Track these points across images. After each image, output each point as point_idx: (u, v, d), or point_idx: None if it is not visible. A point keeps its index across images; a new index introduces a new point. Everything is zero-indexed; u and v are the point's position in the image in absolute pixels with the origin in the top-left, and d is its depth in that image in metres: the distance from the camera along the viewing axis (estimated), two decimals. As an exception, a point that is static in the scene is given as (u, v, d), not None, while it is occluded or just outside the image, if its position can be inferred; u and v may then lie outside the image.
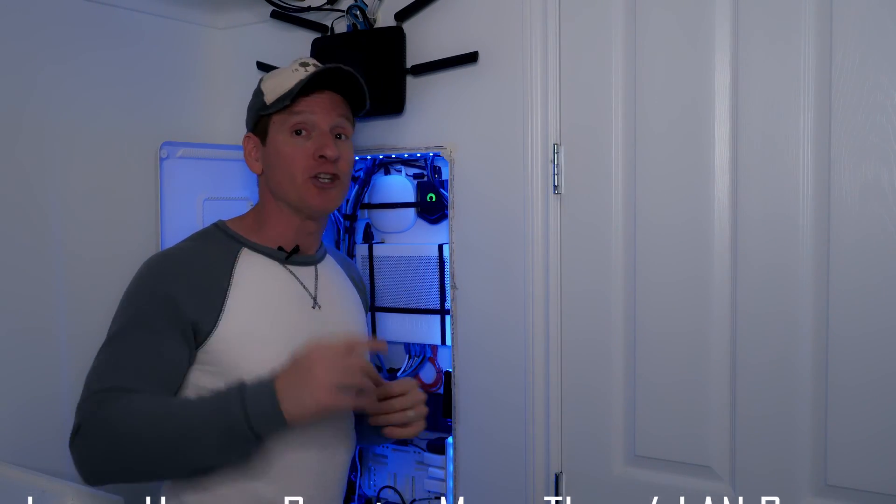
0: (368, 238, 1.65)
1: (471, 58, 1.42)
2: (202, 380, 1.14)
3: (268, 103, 1.22)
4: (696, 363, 1.27)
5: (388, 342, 1.63)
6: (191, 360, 1.14)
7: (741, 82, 1.22)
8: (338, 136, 1.24)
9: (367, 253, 1.62)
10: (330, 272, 1.32)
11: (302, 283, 1.24)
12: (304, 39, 1.59)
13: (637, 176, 1.31)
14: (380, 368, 1.66)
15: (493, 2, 1.41)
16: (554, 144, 1.38)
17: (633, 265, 1.32)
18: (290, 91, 1.19)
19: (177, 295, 1.12)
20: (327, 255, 1.35)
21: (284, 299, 1.21)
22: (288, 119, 1.21)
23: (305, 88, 1.19)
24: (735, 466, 1.25)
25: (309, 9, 1.58)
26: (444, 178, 1.54)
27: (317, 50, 1.55)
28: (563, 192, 1.38)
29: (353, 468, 1.68)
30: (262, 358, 1.12)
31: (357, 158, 1.61)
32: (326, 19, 1.58)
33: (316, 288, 1.26)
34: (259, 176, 1.27)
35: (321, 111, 1.21)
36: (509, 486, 1.44)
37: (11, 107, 1.36)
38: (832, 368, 1.17)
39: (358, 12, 1.51)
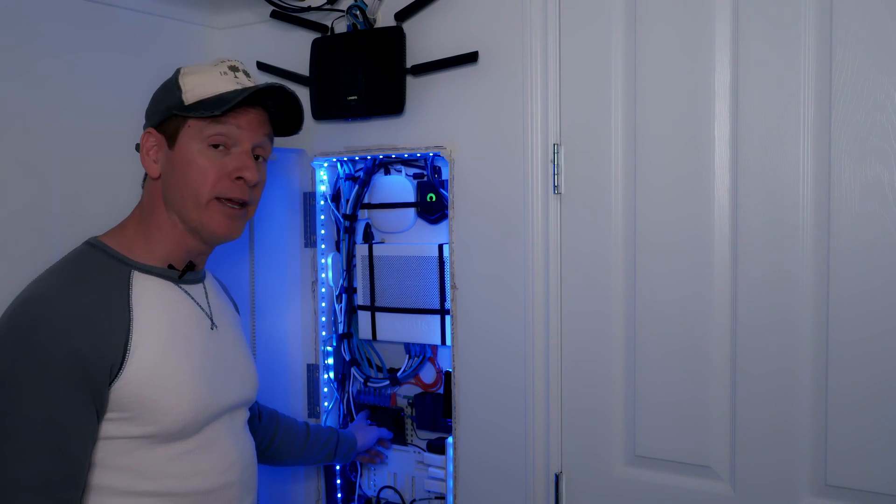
0: (368, 238, 1.65)
1: (471, 58, 1.42)
2: (110, 430, 1.01)
3: (186, 103, 1.08)
4: (697, 362, 1.27)
5: (388, 342, 1.64)
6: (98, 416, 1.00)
7: (741, 82, 1.22)
8: (256, 157, 1.13)
9: (367, 253, 1.62)
10: (215, 289, 1.25)
11: (198, 303, 1.15)
12: (303, 39, 1.59)
13: (637, 176, 1.31)
14: (380, 368, 1.66)
15: (493, 2, 1.41)
16: (554, 144, 1.38)
17: (633, 265, 1.32)
18: (224, 100, 1.07)
19: (81, 348, 0.96)
20: (207, 271, 1.25)
21: (188, 323, 1.11)
22: (207, 128, 1.07)
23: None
24: (735, 466, 1.25)
25: (309, 9, 1.58)
26: (444, 178, 1.54)
27: (317, 50, 1.55)
28: (563, 192, 1.38)
29: (352, 468, 1.68)
30: (179, 392, 1.04)
31: (357, 158, 1.61)
32: (326, 19, 1.58)
33: (209, 307, 1.17)
34: (154, 180, 1.12)
35: (248, 128, 1.10)
36: (509, 486, 1.44)
37: (10, 107, 1.36)
38: (832, 368, 1.17)
39: (358, 12, 1.51)
